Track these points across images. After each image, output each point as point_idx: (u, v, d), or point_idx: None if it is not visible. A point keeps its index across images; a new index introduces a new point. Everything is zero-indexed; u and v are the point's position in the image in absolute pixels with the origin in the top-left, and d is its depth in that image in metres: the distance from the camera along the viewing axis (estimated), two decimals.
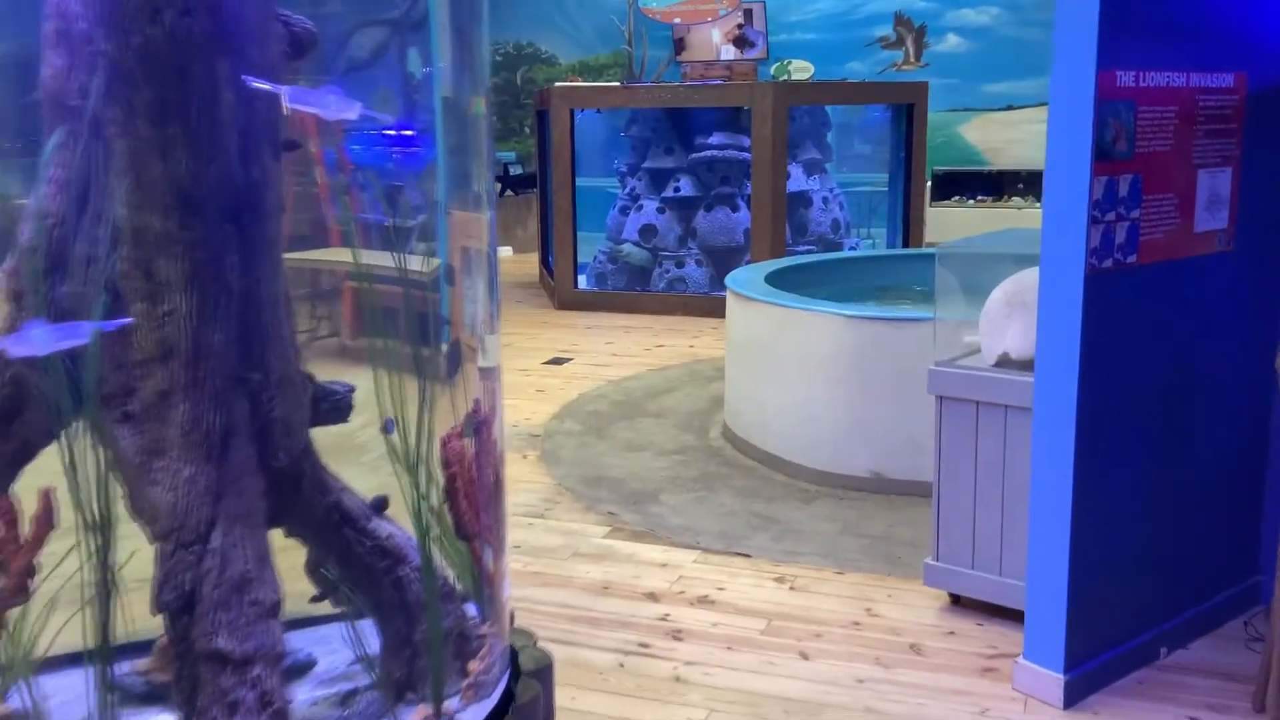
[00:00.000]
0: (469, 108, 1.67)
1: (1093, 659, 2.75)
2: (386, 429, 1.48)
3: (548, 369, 6.23)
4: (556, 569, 3.49)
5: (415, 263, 1.53)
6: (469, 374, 1.61)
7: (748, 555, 3.58)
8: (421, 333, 1.56)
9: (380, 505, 1.59)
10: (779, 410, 4.41)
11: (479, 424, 1.63)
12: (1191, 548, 2.98)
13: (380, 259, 1.45)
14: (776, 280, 5.03)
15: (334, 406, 1.52)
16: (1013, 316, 3.03)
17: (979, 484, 3.07)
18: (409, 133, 1.47)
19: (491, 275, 1.76)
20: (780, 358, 4.38)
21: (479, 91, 1.71)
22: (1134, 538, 2.83)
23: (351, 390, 1.54)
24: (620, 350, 6.71)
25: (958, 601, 3.19)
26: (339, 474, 1.56)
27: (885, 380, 4.09)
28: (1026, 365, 2.99)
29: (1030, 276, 3.09)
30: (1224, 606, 3.07)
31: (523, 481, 4.34)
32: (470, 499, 1.57)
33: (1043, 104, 11.59)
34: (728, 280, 4.86)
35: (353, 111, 1.34)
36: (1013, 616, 3.03)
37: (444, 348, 1.60)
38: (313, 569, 1.61)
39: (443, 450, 1.55)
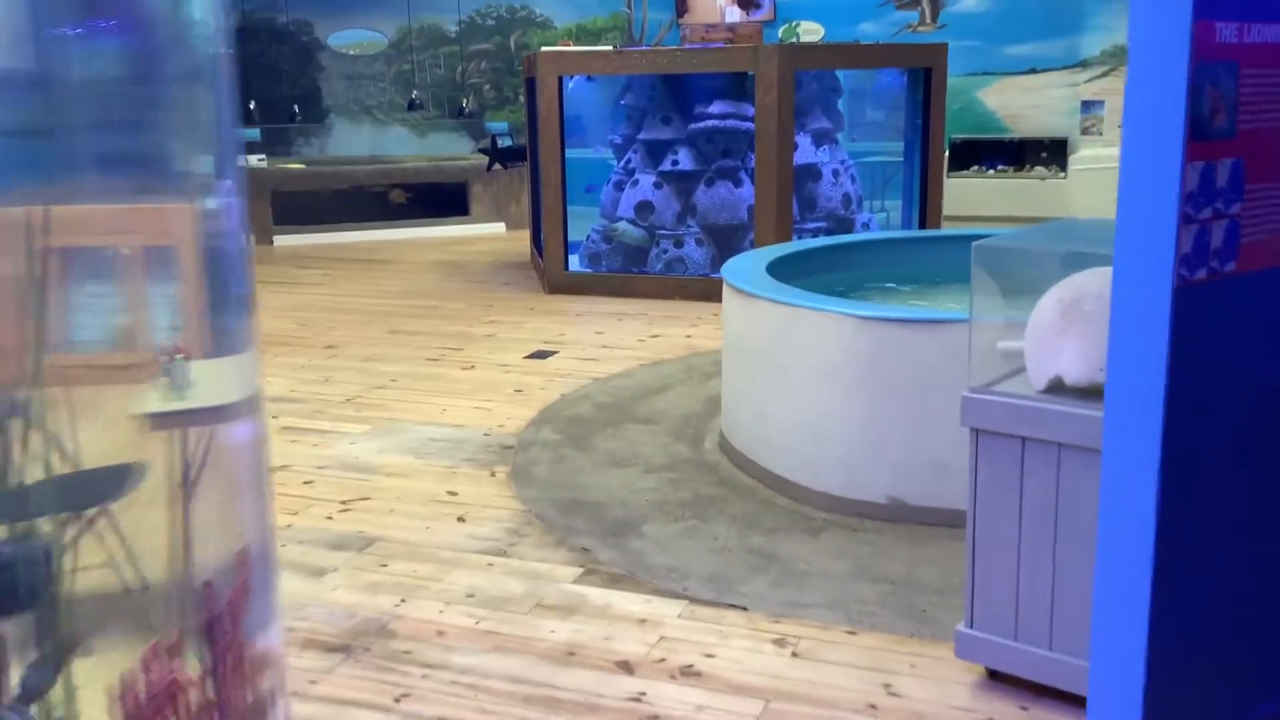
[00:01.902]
0: (133, 74, 1.11)
1: None
2: None
3: (530, 365, 5.66)
4: (514, 626, 2.93)
5: None
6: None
7: (743, 608, 3.02)
8: None
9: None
10: (783, 423, 3.84)
11: (211, 622, 1.02)
12: None
13: None
14: (780, 269, 4.44)
15: None
16: (1069, 331, 2.44)
17: (1024, 538, 2.50)
18: None
19: (222, 274, 1.19)
20: (784, 363, 3.80)
21: (163, 53, 1.15)
22: (1224, 609, 2.26)
23: (42, 551, 0.94)
24: (611, 341, 6.13)
25: (995, 676, 2.63)
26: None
27: (906, 392, 3.52)
28: (1086, 393, 2.42)
29: (1089, 281, 2.51)
30: None
31: (487, 507, 3.78)
32: None
33: (1067, 67, 10.92)
34: (724, 271, 4.28)
35: None
36: (1065, 699, 2.48)
37: None
38: None
39: (124, 704, 0.96)
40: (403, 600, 3.09)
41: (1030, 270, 2.73)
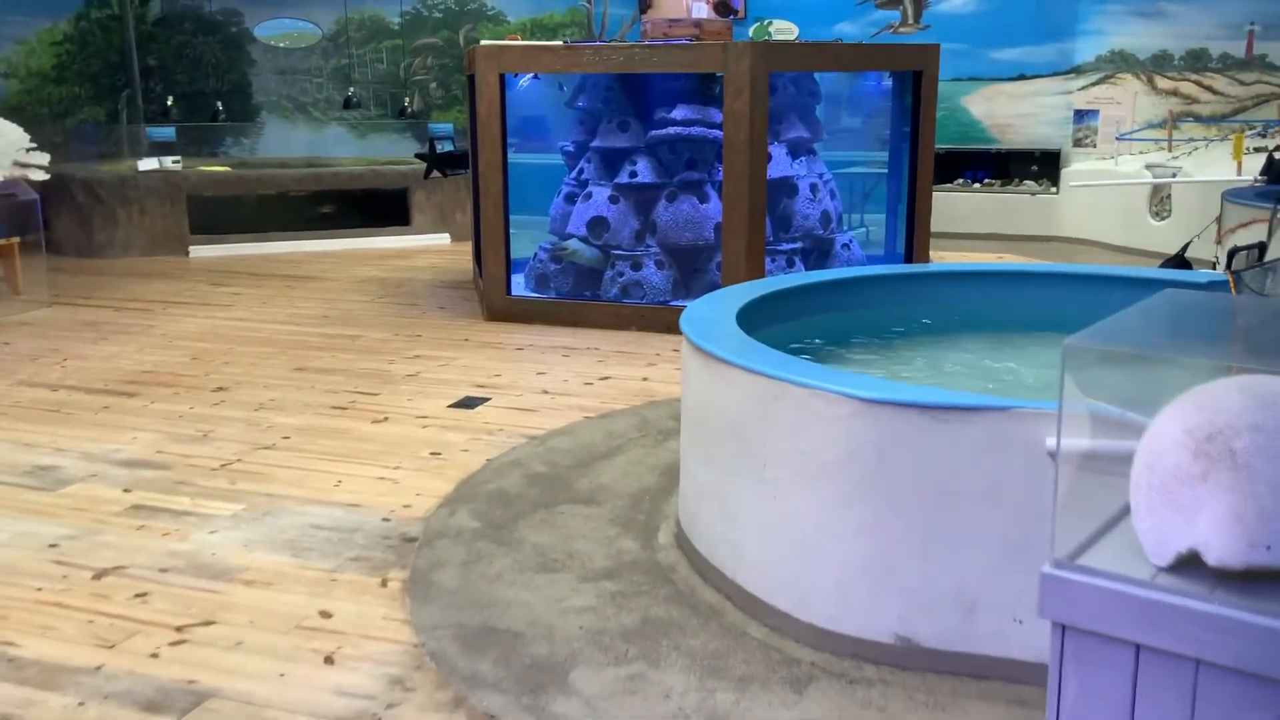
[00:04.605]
0: None
1: None
2: None
3: (454, 416, 4.75)
4: None
5: None
6: None
7: None
8: None
9: None
10: (757, 529, 2.96)
11: None
12: None
13: None
14: (754, 317, 3.57)
15: None
16: (1209, 482, 1.57)
17: None
18: None
19: None
20: (760, 450, 2.92)
21: None
22: None
23: None
24: (554, 384, 5.23)
25: None
26: None
27: (923, 499, 2.65)
28: (1239, 579, 1.55)
29: (1232, 401, 1.63)
30: None
31: (368, 638, 2.86)
32: None
33: (1060, 74, 10.03)
34: (683, 321, 3.39)
35: None
36: None
37: None
38: None
39: None
40: None
41: (1123, 366, 1.86)
